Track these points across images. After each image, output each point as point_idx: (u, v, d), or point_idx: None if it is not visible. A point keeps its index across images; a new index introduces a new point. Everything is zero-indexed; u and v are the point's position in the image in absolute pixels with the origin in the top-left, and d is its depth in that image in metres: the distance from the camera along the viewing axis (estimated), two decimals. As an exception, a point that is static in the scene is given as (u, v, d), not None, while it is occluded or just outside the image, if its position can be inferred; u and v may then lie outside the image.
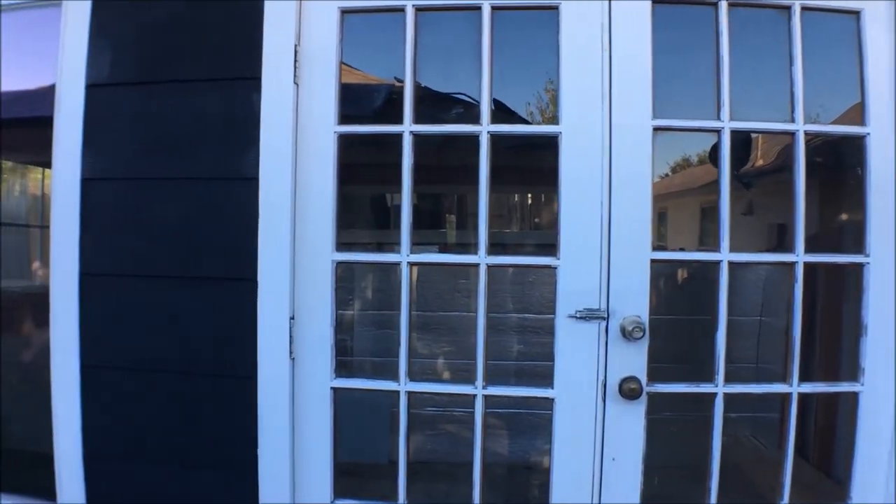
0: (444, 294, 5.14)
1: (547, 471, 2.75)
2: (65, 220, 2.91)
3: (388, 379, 2.79)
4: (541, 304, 4.92)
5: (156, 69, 2.89)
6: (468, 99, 4.47)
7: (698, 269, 4.25)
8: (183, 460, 2.88)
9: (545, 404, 2.73)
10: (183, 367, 2.84)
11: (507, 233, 6.78)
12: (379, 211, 6.33)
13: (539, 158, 4.26)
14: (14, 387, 3.67)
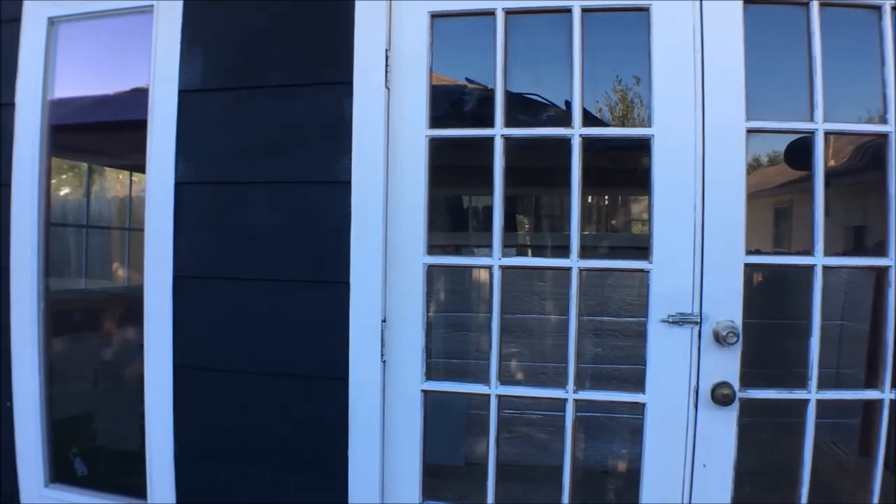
0: (521, 296, 5.16)
1: (634, 475, 2.76)
2: (159, 223, 2.98)
3: (478, 382, 2.81)
4: (619, 308, 4.91)
5: (247, 75, 2.94)
6: (542, 100, 4.50)
7: (778, 273, 4.22)
8: (273, 461, 2.94)
9: (633, 409, 2.73)
10: (274, 369, 2.89)
11: (586, 235, 6.76)
12: (454, 213, 6.36)
13: (615, 160, 4.27)
14: (99, 385, 3.75)
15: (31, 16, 3.29)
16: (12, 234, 3.27)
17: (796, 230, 6.74)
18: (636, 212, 7.69)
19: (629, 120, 6.70)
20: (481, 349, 5.27)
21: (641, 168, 4.14)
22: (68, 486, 3.34)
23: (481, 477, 2.83)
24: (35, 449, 3.30)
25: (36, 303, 3.24)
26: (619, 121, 6.90)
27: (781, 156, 5.32)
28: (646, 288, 2.72)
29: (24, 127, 3.25)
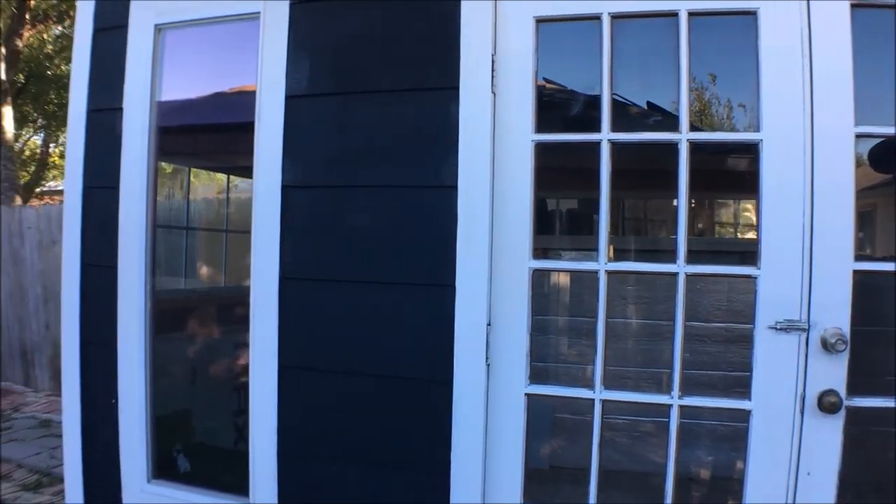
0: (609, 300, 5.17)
1: (731, 483, 2.76)
2: (266, 226, 3.06)
3: (580, 386, 2.84)
4: (707, 313, 4.90)
5: (353, 80, 3.02)
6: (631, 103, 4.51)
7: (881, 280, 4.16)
8: (375, 461, 3.00)
9: (732, 415, 2.74)
10: (378, 371, 2.96)
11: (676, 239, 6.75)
12: (541, 216, 6.38)
13: (715, 164, 4.27)
14: (199, 383, 3.86)
15: (138, 23, 3.40)
16: (120, 235, 3.38)
17: (880, 235, 6.65)
18: (731, 216, 7.65)
19: (727, 124, 6.68)
20: (564, 352, 5.30)
21: (740, 172, 4.14)
22: (170, 482, 3.44)
23: (567, 480, 2.85)
24: (139, 445, 3.40)
25: (142, 302, 3.35)
26: (710, 125, 6.88)
27: (865, 158, 5.26)
28: (742, 293, 2.74)
29: (131, 131, 3.36)
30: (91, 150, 3.52)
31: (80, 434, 3.60)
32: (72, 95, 3.58)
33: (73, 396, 3.58)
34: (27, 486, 7.54)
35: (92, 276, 3.53)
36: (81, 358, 3.55)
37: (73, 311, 3.55)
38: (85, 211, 3.53)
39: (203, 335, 3.82)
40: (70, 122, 3.56)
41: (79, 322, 3.55)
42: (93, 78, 3.54)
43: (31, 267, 11.49)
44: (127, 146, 3.36)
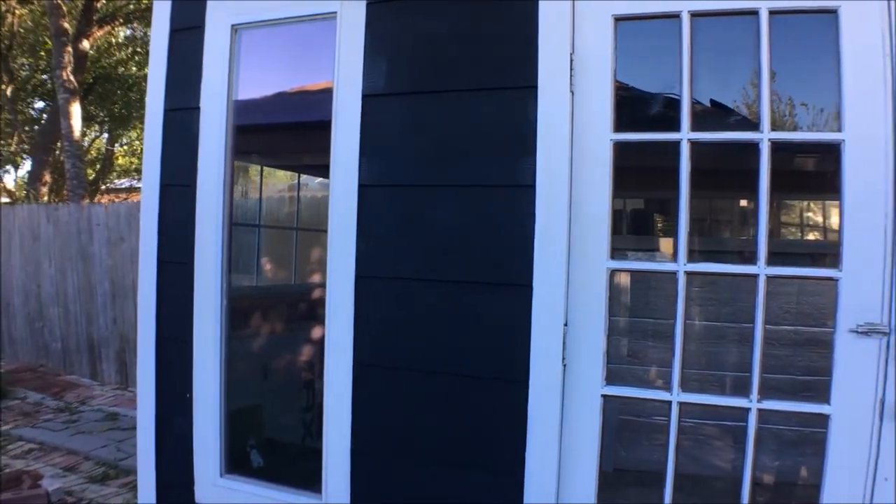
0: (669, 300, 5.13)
1: (805, 487, 2.73)
2: (342, 224, 3.10)
3: (652, 388, 2.83)
4: (777, 316, 4.85)
5: (430, 79, 3.03)
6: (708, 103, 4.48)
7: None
8: (448, 460, 3.02)
9: (808, 420, 2.71)
10: (452, 369, 2.97)
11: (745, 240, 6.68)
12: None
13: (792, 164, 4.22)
14: (271, 380, 3.90)
15: (215, 24, 3.45)
16: (196, 233, 3.44)
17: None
18: (798, 217, 7.56)
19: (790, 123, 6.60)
20: (630, 353, 5.27)
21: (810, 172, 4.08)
22: (242, 476, 3.49)
23: (630, 483, 2.84)
24: (213, 440, 3.46)
25: (218, 299, 3.41)
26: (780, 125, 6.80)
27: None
28: (811, 295, 2.72)
29: (208, 130, 3.42)
30: (168, 149, 3.59)
31: (154, 428, 3.64)
32: (149, 95, 3.65)
33: (147, 391, 3.65)
34: (94, 479, 7.68)
35: (168, 273, 3.59)
36: (157, 353, 3.60)
37: (150, 307, 3.62)
38: (161, 208, 3.59)
39: (274, 332, 3.87)
40: (147, 122, 3.63)
41: (154, 318, 3.61)
42: (169, 78, 3.60)
43: (100, 263, 11.71)
44: (204, 145, 3.41)
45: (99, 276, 11.78)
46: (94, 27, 18.36)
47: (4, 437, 9.30)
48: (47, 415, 10.37)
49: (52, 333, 12.73)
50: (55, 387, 11.84)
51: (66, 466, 8.06)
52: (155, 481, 3.66)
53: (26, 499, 6.20)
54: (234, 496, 3.40)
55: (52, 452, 8.64)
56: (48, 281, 12.73)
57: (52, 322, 12.69)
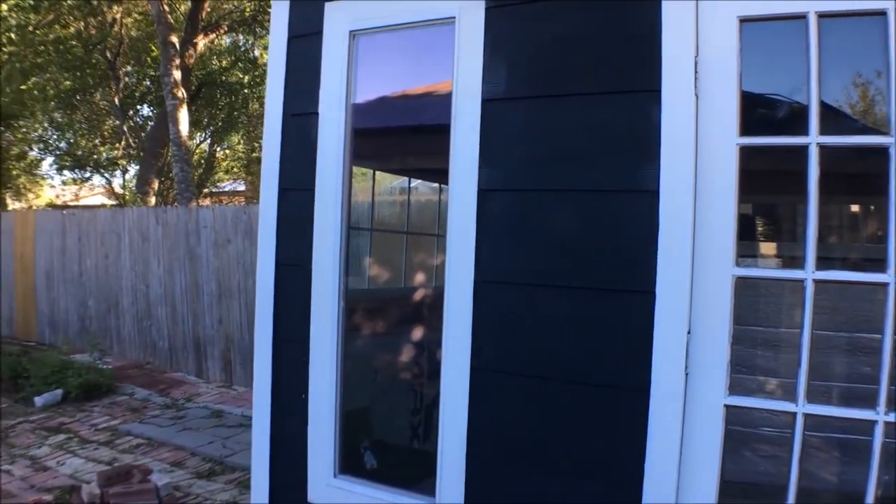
0: (783, 309, 4.99)
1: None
2: (461, 229, 3.07)
3: (782, 399, 2.73)
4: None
5: (550, 83, 3.00)
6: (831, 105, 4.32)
7: None
8: (562, 467, 2.97)
9: None
10: (570, 376, 2.93)
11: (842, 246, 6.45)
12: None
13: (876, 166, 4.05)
14: (385, 382, 3.91)
15: (333, 30, 3.46)
16: (315, 236, 3.46)
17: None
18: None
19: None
20: (738, 362, 5.12)
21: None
22: (355, 477, 3.49)
23: (738, 495, 2.75)
24: (327, 440, 3.47)
25: (336, 301, 3.42)
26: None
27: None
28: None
29: (327, 135, 3.44)
30: (286, 154, 3.61)
31: (269, 428, 3.67)
32: (267, 101, 3.69)
33: (263, 391, 3.68)
34: (200, 474, 7.82)
35: (285, 275, 3.62)
36: (273, 354, 3.63)
37: (267, 308, 3.65)
38: (280, 212, 3.61)
39: (384, 334, 3.87)
40: (266, 127, 3.66)
41: (271, 319, 3.64)
42: (288, 83, 3.63)
43: (207, 264, 11.96)
44: (323, 150, 3.43)
45: (205, 277, 12.04)
46: (199, 35, 18.77)
47: (113, 431, 9.54)
48: (154, 411, 10.61)
49: (159, 332, 13.04)
50: (161, 384, 12.12)
51: (173, 462, 8.22)
52: (268, 480, 3.69)
53: (136, 493, 6.34)
54: (347, 496, 3.40)
55: (159, 448, 8.83)
56: (156, 281, 13.05)
57: (159, 321, 13.00)
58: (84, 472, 7.98)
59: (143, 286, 13.61)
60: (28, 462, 8.50)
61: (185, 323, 12.64)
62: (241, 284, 11.75)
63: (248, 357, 11.45)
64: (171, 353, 12.96)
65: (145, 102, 25.80)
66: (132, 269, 13.83)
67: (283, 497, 3.66)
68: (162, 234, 12.98)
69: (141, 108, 26.50)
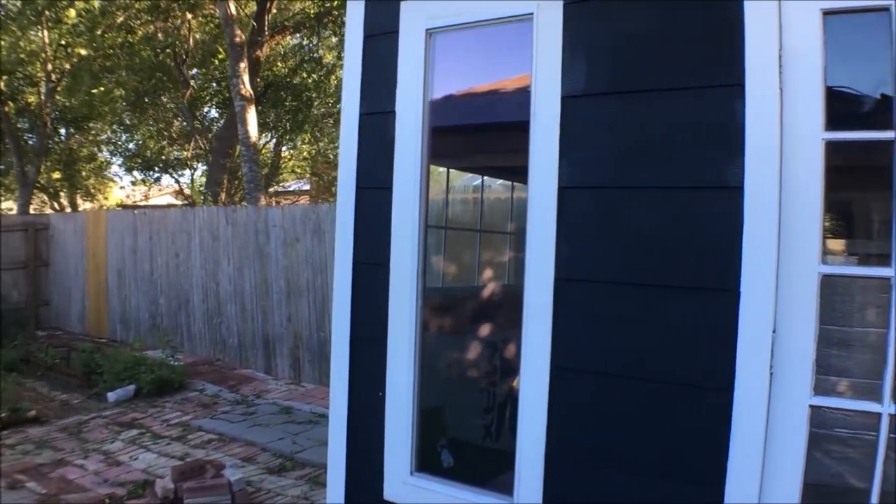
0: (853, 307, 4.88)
1: None
2: (541, 227, 3.06)
3: (863, 399, 2.68)
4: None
5: (630, 79, 2.97)
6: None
7: None
8: (642, 468, 2.94)
9: None
10: (651, 375, 2.89)
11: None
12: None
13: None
14: (461, 380, 3.90)
15: (409, 29, 3.47)
16: (392, 235, 3.47)
17: None
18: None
19: None
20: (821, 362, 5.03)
21: None
22: (432, 475, 3.49)
23: (812, 496, 2.68)
24: (404, 437, 3.48)
25: (414, 300, 3.43)
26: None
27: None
28: None
29: (404, 133, 3.44)
30: (363, 153, 3.63)
31: (346, 425, 3.69)
32: (344, 100, 3.71)
33: (340, 389, 3.71)
34: (271, 470, 7.91)
35: (362, 274, 3.64)
36: (350, 353, 3.65)
37: (345, 307, 3.67)
38: (357, 211, 3.63)
39: (458, 332, 3.87)
40: (343, 126, 3.69)
41: (349, 318, 3.66)
42: (364, 83, 3.64)
43: (276, 263, 12.10)
44: (400, 148, 3.44)
45: (274, 275, 12.18)
46: (265, 37, 18.98)
47: (185, 427, 9.68)
48: (225, 407, 10.75)
49: (228, 329, 13.21)
50: (231, 380, 12.27)
51: (244, 457, 8.32)
52: (344, 477, 3.70)
53: (209, 488, 6.42)
54: (423, 495, 3.40)
55: (230, 443, 8.94)
56: (226, 279, 13.22)
57: (229, 318, 13.18)
58: (157, 466, 8.11)
59: (212, 284, 13.81)
60: (101, 457, 8.66)
61: (254, 320, 12.80)
62: (309, 282, 11.86)
63: (316, 354, 11.56)
64: (241, 349, 13.13)
65: (212, 104, 26.17)
66: (202, 267, 14.03)
67: (359, 494, 3.68)
68: (232, 233, 13.15)
69: (208, 110, 26.90)
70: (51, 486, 7.65)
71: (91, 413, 11.00)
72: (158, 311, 15.38)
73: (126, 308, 16.24)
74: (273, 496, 7.29)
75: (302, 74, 24.55)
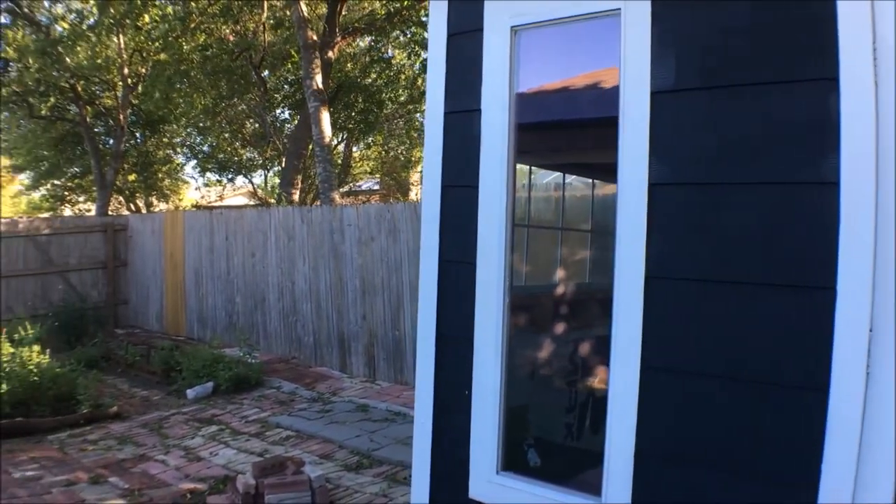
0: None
1: None
2: (630, 224, 3.04)
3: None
4: None
5: (721, 73, 2.94)
6: None
7: None
8: (734, 469, 2.90)
9: None
10: (744, 374, 2.86)
11: None
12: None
13: None
14: (546, 379, 3.89)
15: (494, 26, 3.47)
16: (479, 233, 3.48)
17: None
18: None
19: None
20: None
21: None
22: (518, 474, 3.49)
23: None
24: (490, 436, 3.49)
25: (501, 298, 3.43)
26: None
27: None
28: None
29: (489, 131, 3.45)
30: (448, 151, 3.64)
31: (431, 423, 3.71)
32: (428, 99, 3.73)
33: (426, 387, 3.73)
34: (349, 467, 7.99)
35: (448, 272, 3.65)
36: (436, 350, 3.67)
37: (430, 305, 3.69)
38: (442, 209, 3.65)
39: (541, 331, 3.86)
40: (427, 125, 3.71)
41: (435, 316, 3.68)
42: (448, 81, 3.66)
43: (351, 262, 12.22)
44: (486, 146, 3.45)
45: (349, 274, 12.30)
46: (337, 38, 19.16)
47: (263, 423, 9.83)
48: (301, 404, 10.89)
49: (304, 327, 13.38)
50: (307, 377, 12.43)
51: (321, 454, 8.42)
52: (429, 475, 3.72)
53: (290, 484, 6.52)
54: (509, 494, 3.41)
55: (308, 440, 9.06)
56: (301, 278, 13.39)
57: (304, 317, 13.34)
58: (236, 462, 8.25)
59: (288, 283, 14.00)
60: (182, 452, 8.85)
61: (329, 319, 12.94)
62: (384, 281, 11.95)
63: (390, 353, 11.64)
64: (316, 348, 13.29)
65: (284, 106, 26.53)
66: (278, 266, 14.24)
67: (443, 493, 3.70)
68: (307, 233, 13.32)
69: (281, 112, 27.27)
70: (133, 480, 7.84)
71: (171, 409, 11.24)
72: (235, 309, 15.65)
73: (203, 307, 16.55)
74: (352, 493, 7.37)
75: (372, 75, 24.75)
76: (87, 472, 8.45)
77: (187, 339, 17.23)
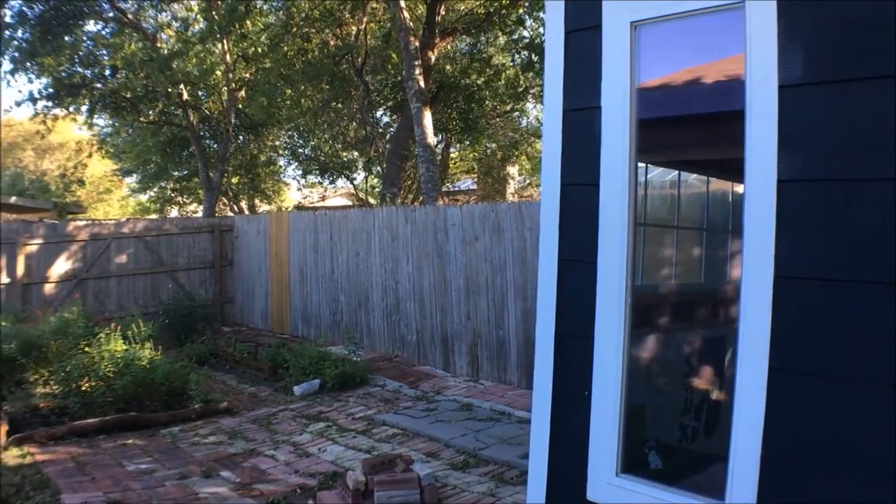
0: None
1: None
2: (758, 222, 2.96)
3: None
4: None
5: (850, 66, 2.83)
6: None
7: None
8: (863, 474, 2.79)
9: None
10: (873, 377, 2.74)
11: None
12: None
13: None
14: (669, 381, 3.83)
15: (613, 22, 3.42)
16: (600, 231, 3.43)
17: None
18: None
19: None
20: None
21: None
22: (638, 476, 3.43)
23: None
24: (609, 438, 3.43)
25: (622, 298, 3.38)
26: None
27: None
28: None
29: (610, 129, 3.40)
30: (567, 149, 3.60)
31: (549, 425, 3.68)
32: (546, 97, 3.69)
33: (544, 387, 3.70)
34: (455, 466, 7.99)
35: (567, 271, 3.61)
36: (554, 350, 3.64)
37: (549, 304, 3.66)
38: (562, 208, 3.61)
39: (667, 332, 3.80)
40: (545, 123, 3.67)
41: (553, 316, 3.64)
42: (566, 79, 3.61)
43: (454, 261, 12.25)
44: (606, 144, 3.40)
45: (453, 274, 12.33)
46: (437, 39, 19.25)
47: (369, 421, 9.92)
48: (406, 402, 10.96)
49: (407, 326, 13.46)
50: (410, 376, 12.51)
51: (427, 452, 8.45)
52: (546, 476, 3.69)
53: (400, 481, 6.55)
54: (629, 496, 3.35)
55: (414, 438, 9.10)
56: (405, 277, 13.48)
57: (407, 316, 13.43)
58: (344, 459, 8.34)
59: (392, 282, 14.11)
60: (291, 448, 8.99)
61: (432, 318, 13.00)
62: (488, 281, 11.94)
63: (494, 352, 11.63)
64: (419, 346, 13.36)
65: (386, 107, 26.79)
66: (382, 265, 14.37)
67: (560, 494, 3.66)
68: (410, 232, 13.40)
69: (381, 114, 27.55)
70: (244, 475, 7.99)
71: (279, 405, 11.44)
72: (339, 308, 15.85)
73: (307, 305, 16.82)
74: (459, 492, 7.37)
75: (472, 75, 24.80)
76: (199, 465, 8.66)
77: (291, 336, 17.54)
